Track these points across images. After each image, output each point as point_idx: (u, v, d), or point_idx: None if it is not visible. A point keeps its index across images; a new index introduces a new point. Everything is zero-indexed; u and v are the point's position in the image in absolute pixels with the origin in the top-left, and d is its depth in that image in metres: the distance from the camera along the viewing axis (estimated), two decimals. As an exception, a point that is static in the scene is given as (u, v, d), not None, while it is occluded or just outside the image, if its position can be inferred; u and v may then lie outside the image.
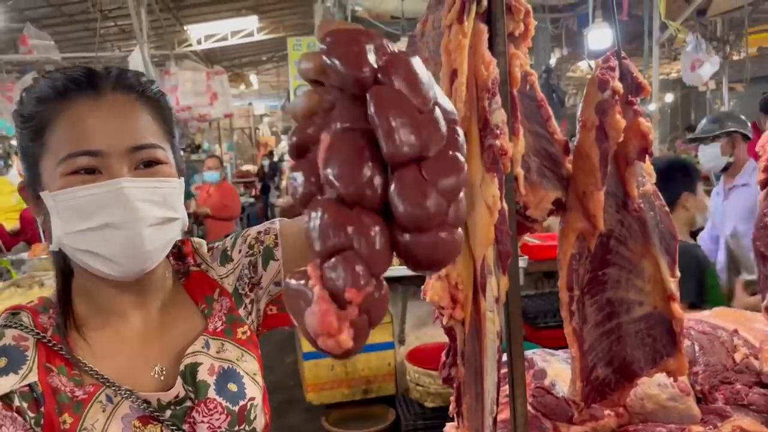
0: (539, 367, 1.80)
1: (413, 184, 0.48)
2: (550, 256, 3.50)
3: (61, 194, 0.92)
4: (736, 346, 1.82)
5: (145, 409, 0.95)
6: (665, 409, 1.69)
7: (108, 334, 1.01)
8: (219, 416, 0.99)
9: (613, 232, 1.56)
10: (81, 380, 0.94)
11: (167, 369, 1.01)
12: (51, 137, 0.94)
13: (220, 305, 1.08)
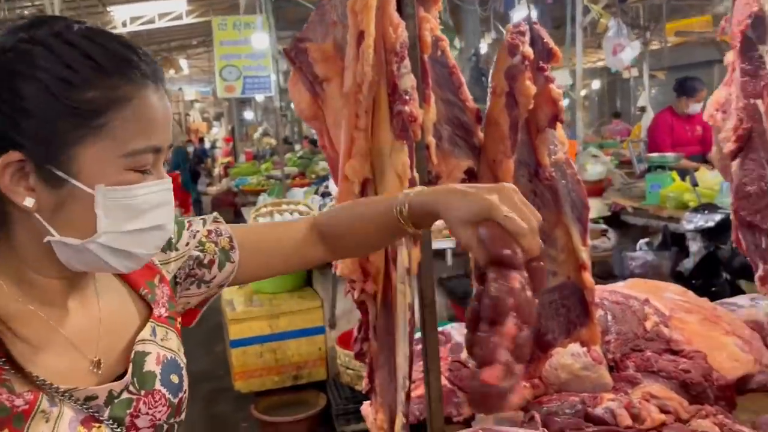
0: (456, 341, 1.78)
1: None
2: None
3: (120, 191, 0.81)
4: (647, 315, 1.86)
5: (87, 409, 0.85)
6: (579, 378, 1.70)
7: (38, 328, 0.86)
8: (161, 408, 0.93)
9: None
10: (12, 386, 0.79)
11: (106, 360, 0.92)
12: (118, 124, 0.80)
13: (161, 292, 1.02)
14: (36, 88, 0.77)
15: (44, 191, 0.80)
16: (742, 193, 1.64)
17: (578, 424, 1.48)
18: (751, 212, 1.62)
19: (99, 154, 0.80)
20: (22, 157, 0.78)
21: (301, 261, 1.13)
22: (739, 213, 1.66)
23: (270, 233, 1.14)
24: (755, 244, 1.64)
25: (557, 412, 1.54)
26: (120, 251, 0.84)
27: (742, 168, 1.65)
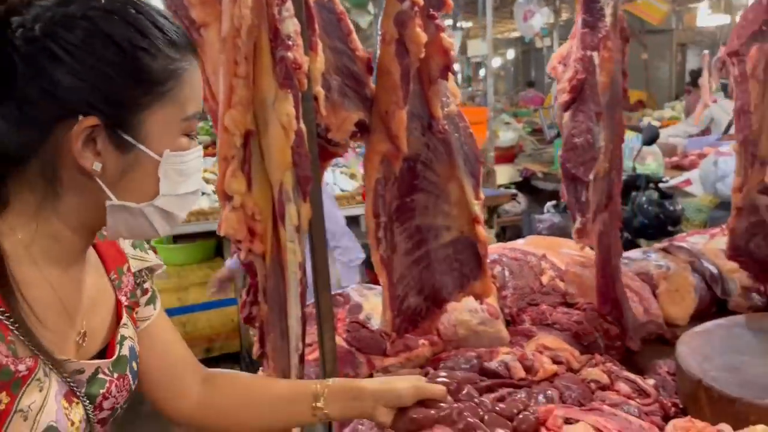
0: (355, 302, 1.74)
1: None
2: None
3: (178, 156, 0.87)
4: (544, 270, 1.88)
5: (71, 383, 0.86)
6: (476, 333, 1.70)
7: (43, 293, 0.85)
8: (124, 393, 0.96)
9: (420, 156, 1.51)
10: (16, 349, 0.79)
11: (89, 333, 0.94)
12: (178, 91, 0.86)
13: (127, 280, 1.03)
14: (114, 54, 0.80)
15: (111, 156, 0.83)
16: (570, 145, 1.66)
17: (473, 378, 1.47)
18: (576, 164, 1.65)
19: (164, 119, 0.85)
20: (97, 122, 0.80)
21: (174, 395, 1.11)
22: (565, 165, 1.69)
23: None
24: (576, 197, 1.67)
25: (453, 367, 1.54)
26: (169, 214, 0.90)
27: (573, 120, 1.67)
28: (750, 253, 1.88)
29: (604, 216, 1.73)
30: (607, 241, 1.74)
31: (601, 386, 1.47)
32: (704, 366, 1.33)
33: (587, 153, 1.70)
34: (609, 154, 1.68)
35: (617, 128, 1.70)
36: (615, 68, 1.65)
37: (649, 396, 1.41)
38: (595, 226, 1.72)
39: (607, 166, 1.69)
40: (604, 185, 1.70)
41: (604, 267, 1.75)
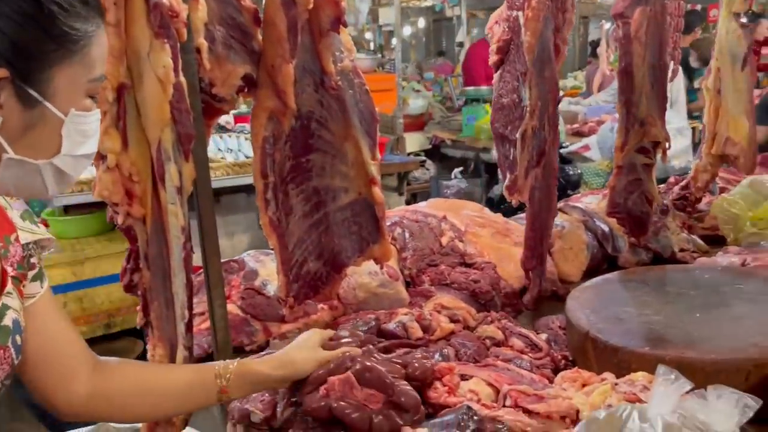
0: (250, 268, 1.67)
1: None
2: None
3: (82, 116, 0.89)
4: (444, 231, 1.88)
5: None
6: (376, 296, 1.68)
7: None
8: (5, 366, 0.93)
9: (314, 114, 1.45)
10: None
11: None
12: (88, 50, 0.87)
13: (15, 250, 0.99)
14: (30, 5, 0.80)
15: (15, 110, 0.83)
16: (499, 104, 1.68)
17: (370, 340, 1.45)
18: (503, 124, 1.67)
19: (72, 77, 0.86)
20: (6, 74, 0.80)
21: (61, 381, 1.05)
22: (494, 125, 1.70)
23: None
24: (505, 155, 1.69)
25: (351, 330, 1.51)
26: (63, 174, 0.90)
27: (501, 80, 1.68)
28: (628, 209, 1.96)
29: (536, 172, 1.73)
30: (539, 196, 1.75)
31: (496, 342, 1.49)
32: (591, 319, 1.37)
33: (514, 112, 1.70)
34: (538, 112, 1.67)
35: (548, 86, 1.69)
36: (543, 27, 1.62)
37: (541, 350, 1.44)
38: (527, 182, 1.72)
39: (535, 124, 1.68)
40: (534, 143, 1.70)
41: (534, 222, 1.77)
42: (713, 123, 2.10)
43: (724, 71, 2.08)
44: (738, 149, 2.04)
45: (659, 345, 1.23)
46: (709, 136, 2.11)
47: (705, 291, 1.47)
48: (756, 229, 2.04)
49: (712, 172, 2.14)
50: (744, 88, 2.09)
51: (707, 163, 2.15)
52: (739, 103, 2.06)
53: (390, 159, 4.58)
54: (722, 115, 2.06)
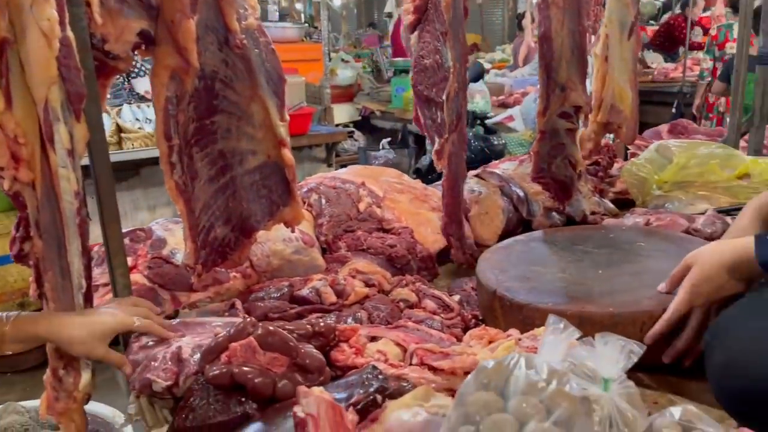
0: (158, 237, 1.61)
1: None
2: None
3: None
4: (361, 197, 1.87)
5: None
6: (291, 263, 1.65)
7: None
8: None
9: (218, 73, 1.39)
10: None
11: None
12: None
13: None
14: None
15: None
16: (420, 66, 1.66)
17: (282, 306, 1.43)
18: (427, 86, 1.65)
19: None
20: None
21: None
22: (416, 87, 1.68)
23: None
24: (432, 118, 1.68)
25: (263, 297, 1.48)
26: None
27: (420, 41, 1.66)
28: (552, 174, 1.99)
29: (453, 137, 1.72)
30: (456, 161, 1.74)
31: (410, 305, 1.49)
32: (500, 278, 1.39)
33: (438, 73, 1.67)
34: (457, 74, 1.65)
35: (461, 48, 1.67)
36: None
37: (452, 311, 1.45)
38: (446, 148, 1.71)
39: (456, 86, 1.66)
40: (454, 105, 1.68)
41: (453, 187, 1.76)
42: (600, 90, 2.10)
43: (612, 39, 2.07)
44: (621, 118, 2.07)
45: (562, 300, 1.27)
46: (596, 104, 2.11)
47: (609, 249, 1.51)
48: (662, 191, 2.13)
49: (595, 140, 2.14)
50: (629, 57, 2.09)
51: (591, 131, 2.15)
52: (624, 72, 2.06)
53: (317, 130, 4.51)
54: (608, 83, 2.06)
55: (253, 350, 1.06)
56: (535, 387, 0.70)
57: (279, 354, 1.07)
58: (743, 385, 0.92)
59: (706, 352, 1.03)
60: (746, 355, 0.93)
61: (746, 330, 0.96)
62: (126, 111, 3.73)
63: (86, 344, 1.15)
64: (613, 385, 0.86)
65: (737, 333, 0.97)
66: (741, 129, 2.54)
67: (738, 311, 1.02)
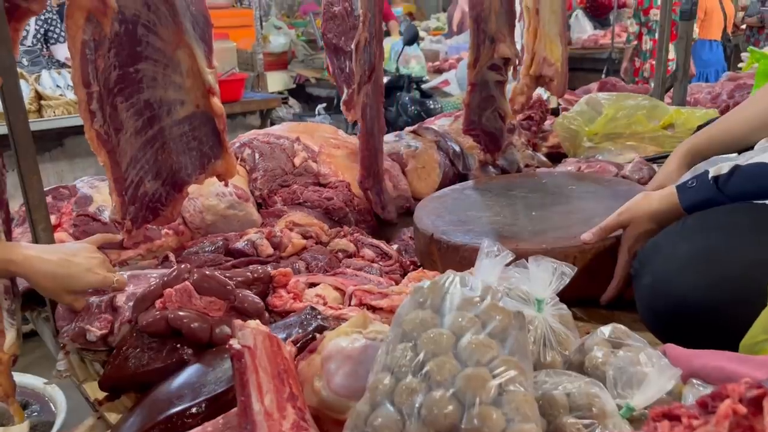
0: (83, 194, 1.54)
1: None
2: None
3: None
4: (297, 152, 1.83)
5: None
6: (225, 218, 1.62)
7: None
8: None
9: (140, 17, 1.32)
10: None
11: None
12: None
13: None
14: None
15: None
16: (330, 13, 1.63)
17: (217, 259, 1.40)
18: (336, 34, 1.63)
19: None
20: None
21: None
22: (326, 36, 1.65)
23: None
24: (341, 68, 1.66)
25: (197, 252, 1.45)
26: None
27: None
28: (482, 126, 2.01)
29: (367, 88, 1.70)
30: (371, 113, 1.72)
31: (348, 254, 1.48)
32: (436, 223, 1.40)
33: (347, 22, 1.63)
34: (368, 23, 1.62)
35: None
36: None
37: (391, 258, 1.46)
38: (359, 99, 1.69)
39: (367, 35, 1.63)
40: (365, 56, 1.65)
41: (368, 140, 1.74)
42: (532, 43, 2.12)
43: None
44: (553, 71, 2.11)
45: (497, 240, 1.28)
46: (528, 57, 2.12)
47: (542, 193, 1.55)
48: (592, 143, 2.19)
49: (527, 94, 2.17)
50: (558, 9, 2.11)
51: (524, 85, 2.17)
52: (554, 25, 2.09)
53: (251, 96, 4.41)
54: (540, 37, 2.09)
55: (189, 295, 1.03)
56: (470, 302, 0.70)
57: (216, 298, 1.05)
58: (668, 303, 0.96)
59: (635, 277, 1.07)
60: (670, 275, 0.97)
61: (671, 252, 1.00)
62: (45, 77, 3.53)
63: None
64: (546, 307, 0.89)
65: (662, 256, 1.01)
66: (666, 84, 2.63)
67: (663, 238, 1.06)
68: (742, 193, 1.04)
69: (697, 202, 1.08)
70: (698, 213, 1.06)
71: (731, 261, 0.95)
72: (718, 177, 1.06)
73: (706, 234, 1.00)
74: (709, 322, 0.94)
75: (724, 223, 1.01)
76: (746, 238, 0.97)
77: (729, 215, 1.02)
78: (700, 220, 1.04)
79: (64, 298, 1.13)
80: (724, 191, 1.05)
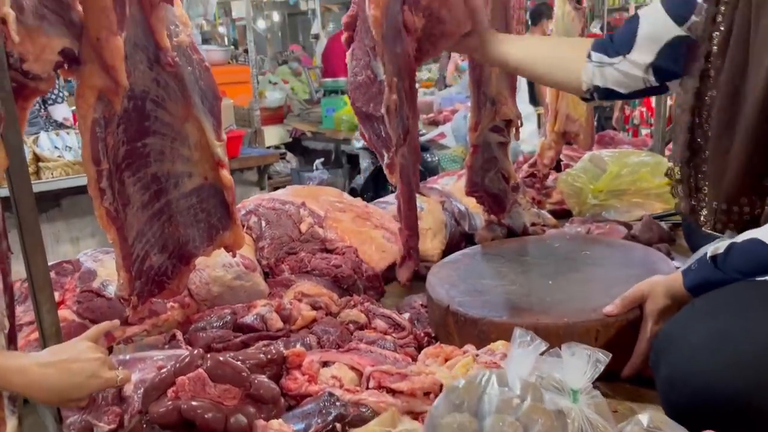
0: (87, 268, 1.51)
1: None
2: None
3: None
4: (303, 218, 1.82)
5: None
6: (232, 289, 1.58)
7: None
8: None
9: (149, 93, 1.32)
10: None
11: None
12: None
13: None
14: None
15: None
16: (355, 83, 1.64)
17: (226, 335, 1.36)
18: (364, 102, 1.63)
19: None
20: None
21: None
22: (355, 105, 1.66)
23: None
24: (376, 134, 1.66)
25: (205, 327, 1.40)
26: None
27: (353, 58, 1.65)
28: (485, 188, 2.01)
29: (403, 150, 1.69)
30: (409, 173, 1.71)
31: (360, 326, 1.45)
32: (451, 293, 1.37)
33: (372, 88, 1.64)
34: (395, 87, 1.61)
35: (402, 61, 1.63)
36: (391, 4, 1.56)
37: (404, 329, 1.42)
38: (396, 161, 1.68)
39: (395, 98, 1.63)
40: (398, 120, 1.65)
41: (409, 200, 1.73)
42: (555, 102, 2.21)
43: None
44: (577, 126, 2.16)
45: (516, 313, 1.26)
46: (552, 115, 2.22)
47: (556, 259, 1.53)
48: (598, 200, 2.18)
49: (556, 149, 2.26)
50: None
51: (551, 141, 2.27)
52: None
53: (248, 152, 4.42)
54: (562, 94, 2.16)
55: (202, 383, 0.99)
56: (510, 404, 0.67)
57: (230, 386, 1.01)
58: (687, 397, 0.94)
59: (653, 371, 1.04)
60: (686, 364, 0.95)
61: (683, 341, 0.98)
62: (44, 139, 3.53)
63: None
64: (582, 396, 0.85)
65: (676, 346, 0.99)
66: (665, 138, 2.65)
67: (674, 326, 1.04)
68: (739, 271, 1.05)
69: (700, 283, 1.09)
70: (704, 296, 1.05)
71: (745, 343, 0.93)
72: (716, 256, 1.07)
73: (716, 317, 0.99)
74: (734, 409, 0.91)
75: (732, 304, 1.00)
76: (756, 317, 0.95)
77: (734, 296, 1.01)
78: (706, 303, 1.03)
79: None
80: (723, 270, 1.06)
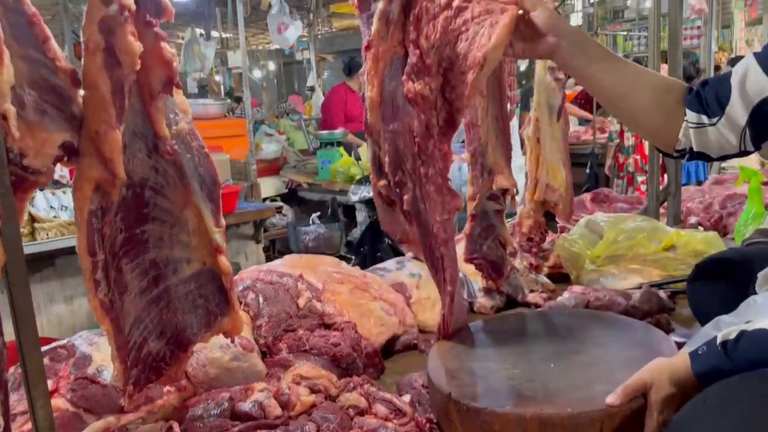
0: (81, 353, 1.48)
1: None
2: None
3: None
4: (300, 292, 1.80)
5: None
6: (229, 371, 1.56)
7: None
8: None
9: (148, 181, 1.32)
10: None
11: None
12: None
13: None
14: None
15: None
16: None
17: (223, 425, 1.33)
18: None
19: None
20: None
21: None
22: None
23: None
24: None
25: (202, 415, 1.38)
26: None
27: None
28: (484, 255, 2.01)
29: (413, 230, 1.69)
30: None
31: (359, 411, 1.42)
32: (452, 380, 1.35)
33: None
34: (392, 167, 1.60)
35: (402, 138, 1.63)
36: (385, 76, 1.55)
37: (405, 415, 1.39)
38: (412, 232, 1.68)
39: (384, 183, 1.64)
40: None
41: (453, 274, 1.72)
42: (535, 170, 2.22)
43: (542, 121, 2.22)
44: (557, 196, 2.16)
45: (520, 402, 1.24)
46: (531, 183, 2.22)
47: (557, 338, 1.51)
48: (595, 266, 2.18)
49: (535, 218, 2.24)
50: (559, 137, 2.23)
51: (530, 210, 2.26)
52: (556, 152, 2.19)
53: (245, 207, 4.43)
54: (542, 163, 2.17)
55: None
56: None
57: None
58: None
59: None
60: None
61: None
62: (40, 199, 3.53)
63: None
64: None
65: None
66: (659, 199, 2.66)
67: (686, 418, 1.02)
68: (750, 361, 1.02)
69: (709, 370, 1.06)
70: (715, 387, 1.02)
71: None
72: (726, 342, 1.05)
73: (728, 414, 0.96)
74: None
75: (746, 400, 0.97)
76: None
77: (748, 390, 0.99)
78: (719, 397, 1.00)
79: None
80: (733, 358, 1.04)
